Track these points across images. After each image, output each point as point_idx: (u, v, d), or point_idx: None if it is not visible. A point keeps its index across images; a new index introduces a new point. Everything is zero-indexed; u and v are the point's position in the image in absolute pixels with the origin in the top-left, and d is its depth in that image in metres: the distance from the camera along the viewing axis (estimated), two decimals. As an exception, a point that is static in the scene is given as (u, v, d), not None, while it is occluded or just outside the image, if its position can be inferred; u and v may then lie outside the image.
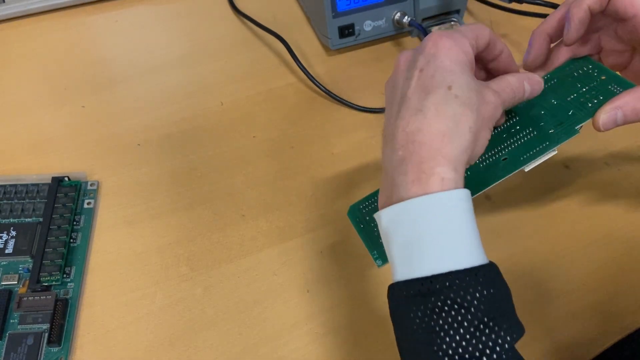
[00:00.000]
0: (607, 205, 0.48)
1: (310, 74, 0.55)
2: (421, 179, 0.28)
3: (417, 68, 0.30)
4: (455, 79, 0.29)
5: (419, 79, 0.30)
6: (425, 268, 0.27)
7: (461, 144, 0.28)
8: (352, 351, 0.41)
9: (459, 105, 0.29)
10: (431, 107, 0.29)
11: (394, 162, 0.29)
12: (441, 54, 0.30)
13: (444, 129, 0.28)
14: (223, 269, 0.44)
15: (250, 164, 0.50)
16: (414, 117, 0.29)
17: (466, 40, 0.31)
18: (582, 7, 0.34)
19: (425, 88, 0.29)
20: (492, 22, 0.63)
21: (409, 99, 0.30)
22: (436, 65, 0.30)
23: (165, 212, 0.47)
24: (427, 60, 0.30)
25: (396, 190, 0.29)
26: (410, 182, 0.28)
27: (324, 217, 0.47)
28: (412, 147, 0.28)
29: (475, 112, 0.29)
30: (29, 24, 0.61)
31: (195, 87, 0.56)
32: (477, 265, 0.27)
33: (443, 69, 0.30)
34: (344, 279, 0.44)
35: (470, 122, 0.29)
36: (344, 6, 0.55)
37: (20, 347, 0.39)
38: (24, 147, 0.51)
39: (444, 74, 0.29)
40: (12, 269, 0.43)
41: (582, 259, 0.45)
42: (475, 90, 0.30)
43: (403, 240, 0.28)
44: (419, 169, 0.28)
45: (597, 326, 0.42)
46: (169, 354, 0.40)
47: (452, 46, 0.30)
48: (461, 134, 0.28)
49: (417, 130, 0.28)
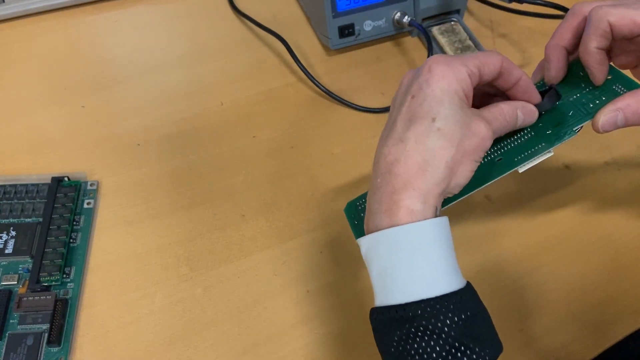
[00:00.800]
0: (607, 205, 0.48)
1: (310, 74, 0.55)
2: (392, 210, 0.29)
3: (410, 93, 0.31)
4: (441, 110, 0.29)
5: (409, 105, 0.30)
6: (399, 296, 0.28)
7: (434, 177, 0.29)
8: (352, 351, 0.41)
9: (438, 138, 0.29)
10: (412, 138, 0.29)
11: (372, 188, 0.31)
12: (433, 82, 0.30)
13: (420, 161, 0.29)
14: (223, 269, 0.44)
15: (250, 164, 0.50)
16: (395, 147, 0.30)
17: (464, 68, 0.30)
18: (588, 51, 0.33)
19: (412, 117, 0.30)
20: (492, 22, 0.63)
21: (396, 126, 0.30)
22: (425, 94, 0.30)
23: (165, 212, 0.47)
24: (419, 86, 0.31)
25: (372, 218, 0.30)
26: (383, 212, 0.29)
27: (324, 217, 0.47)
28: (389, 177, 0.29)
29: (455, 147, 0.29)
30: (29, 24, 0.61)
31: (195, 87, 0.56)
32: (448, 292, 0.28)
33: (432, 98, 0.30)
34: (344, 279, 0.44)
35: (447, 157, 0.29)
36: (344, 6, 0.55)
37: (20, 347, 0.39)
38: (24, 147, 0.51)
39: (432, 103, 0.30)
40: (12, 269, 0.43)
41: (581, 260, 0.45)
42: (462, 122, 0.30)
43: (379, 268, 0.29)
44: (390, 199, 0.29)
45: (596, 326, 0.42)
46: (169, 354, 0.40)
47: (445, 74, 0.30)
48: (436, 167, 0.29)
49: (395, 161, 0.29)
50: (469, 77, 0.30)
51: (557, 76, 0.36)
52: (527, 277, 0.44)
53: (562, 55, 0.36)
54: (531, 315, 0.42)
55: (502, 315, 0.42)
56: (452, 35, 0.59)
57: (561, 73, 0.36)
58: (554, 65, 0.36)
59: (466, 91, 0.31)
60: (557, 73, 0.36)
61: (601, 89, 0.34)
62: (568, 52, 0.36)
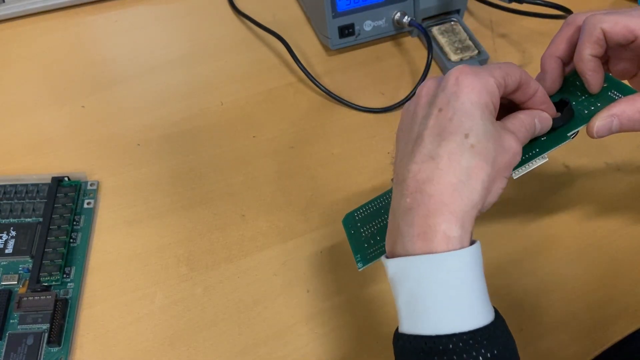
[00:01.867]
0: (607, 205, 0.48)
1: (310, 74, 0.55)
2: (426, 235, 0.27)
3: (437, 106, 0.29)
4: (474, 125, 0.28)
5: (437, 119, 0.29)
6: (429, 327, 0.27)
7: (471, 199, 0.27)
8: (352, 351, 0.41)
9: (473, 156, 0.27)
10: (444, 155, 0.27)
11: (401, 208, 0.28)
12: (462, 94, 0.28)
13: (454, 182, 0.27)
14: (223, 269, 0.44)
15: (250, 164, 0.50)
16: (425, 164, 0.28)
17: (492, 80, 0.29)
18: (582, 58, 0.33)
19: (442, 132, 0.28)
20: (492, 22, 0.63)
21: (423, 141, 0.28)
22: (455, 108, 0.28)
23: (165, 212, 0.47)
24: (447, 99, 0.29)
25: (401, 240, 0.28)
26: (416, 236, 0.27)
27: (324, 217, 0.47)
28: (421, 197, 0.27)
29: (490, 165, 0.28)
30: (29, 24, 0.61)
31: (195, 87, 0.56)
32: (480, 326, 0.26)
33: (462, 112, 0.28)
34: (344, 279, 0.44)
35: (483, 176, 0.27)
36: (344, 6, 0.55)
37: (20, 347, 0.39)
38: (24, 147, 0.51)
39: (462, 118, 0.28)
40: (12, 269, 0.43)
41: (581, 260, 0.45)
42: (494, 138, 0.28)
43: (408, 294, 0.28)
44: (425, 222, 0.27)
45: (596, 327, 0.42)
46: (169, 354, 0.40)
47: (475, 86, 0.28)
48: (472, 188, 0.27)
49: (427, 180, 0.27)
50: (497, 88, 0.29)
51: (553, 87, 0.36)
52: (527, 277, 0.44)
53: (557, 65, 0.35)
54: (531, 315, 0.42)
55: (502, 315, 0.42)
56: (452, 35, 0.59)
57: (556, 84, 0.35)
58: (549, 75, 0.35)
59: (495, 104, 0.29)
60: (553, 84, 0.35)
61: (596, 95, 0.34)
62: (563, 62, 0.35)
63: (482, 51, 0.58)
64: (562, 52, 0.35)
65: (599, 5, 0.65)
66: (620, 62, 0.36)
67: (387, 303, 0.43)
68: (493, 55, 0.59)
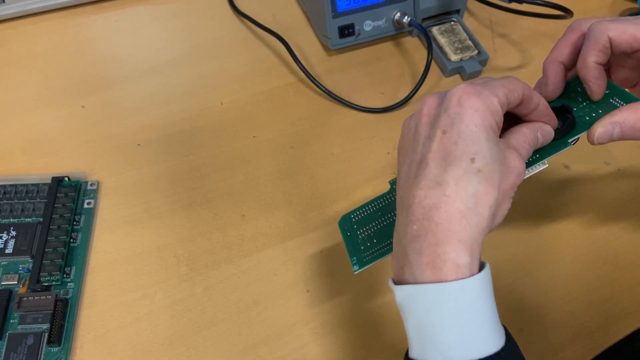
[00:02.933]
0: (607, 205, 0.48)
1: (310, 74, 0.55)
2: (435, 264, 0.26)
3: (440, 128, 0.28)
4: (480, 149, 0.27)
5: (441, 142, 0.28)
6: (439, 355, 0.26)
7: (479, 226, 0.27)
8: (352, 351, 0.41)
9: (480, 181, 0.27)
10: (451, 182, 0.27)
11: (408, 235, 0.28)
12: (466, 117, 0.28)
13: (462, 209, 0.27)
14: (223, 269, 0.44)
15: (250, 164, 0.50)
16: (432, 190, 0.27)
17: (495, 99, 0.28)
18: (586, 65, 0.33)
19: (447, 157, 0.27)
20: (492, 22, 0.63)
21: (428, 166, 0.28)
22: (460, 131, 0.28)
23: (165, 212, 0.47)
24: (451, 120, 0.28)
25: (409, 267, 0.28)
26: (424, 264, 0.27)
27: (324, 217, 0.47)
28: (428, 225, 0.27)
29: (496, 189, 0.27)
30: (29, 24, 0.61)
31: (195, 87, 0.56)
32: (492, 353, 0.26)
33: (467, 135, 0.27)
34: (343, 279, 0.44)
35: (490, 201, 0.27)
36: (344, 6, 0.55)
37: (20, 347, 0.39)
38: (24, 147, 0.51)
39: (468, 142, 0.27)
40: (12, 269, 0.43)
41: (582, 259, 0.45)
42: (499, 160, 0.28)
43: (417, 321, 0.27)
44: (433, 251, 0.27)
45: (596, 327, 0.42)
46: (169, 354, 0.40)
47: (479, 107, 0.28)
48: (480, 214, 0.27)
49: (434, 207, 0.27)
50: (500, 108, 0.29)
51: (555, 92, 0.35)
52: (527, 277, 0.44)
53: (559, 70, 0.35)
54: (531, 315, 0.42)
55: (502, 315, 0.41)
56: (452, 35, 0.59)
57: (559, 89, 0.35)
58: (552, 80, 0.35)
59: (499, 123, 0.29)
60: (555, 89, 0.35)
61: (598, 102, 0.34)
62: (566, 68, 0.35)
63: (482, 51, 0.58)
64: (565, 57, 0.35)
65: (599, 5, 0.65)
66: (623, 70, 0.36)
67: (387, 303, 0.43)
68: (493, 55, 0.59)
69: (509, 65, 0.59)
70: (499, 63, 0.59)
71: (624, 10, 0.64)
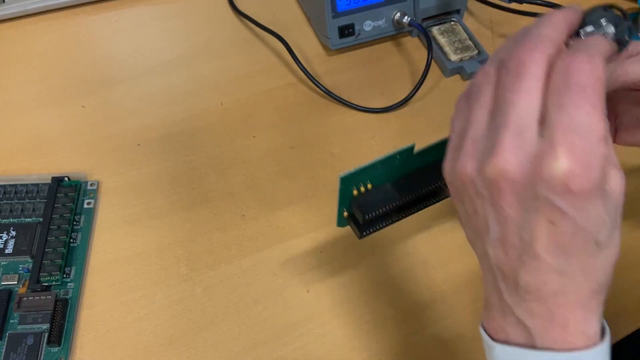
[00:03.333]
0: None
1: (310, 74, 0.55)
2: (565, 339, 0.23)
3: (545, 216, 0.22)
4: (603, 228, 0.22)
5: (550, 233, 0.22)
6: None
7: (606, 292, 0.24)
8: (352, 351, 0.41)
9: (607, 255, 0.23)
10: (578, 272, 0.23)
11: (521, 308, 0.24)
12: (585, 205, 0.21)
13: (595, 287, 0.23)
14: (223, 269, 0.44)
15: (250, 164, 0.50)
16: (551, 277, 0.23)
17: (601, 151, 0.21)
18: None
19: (565, 248, 0.22)
20: (492, 22, 0.63)
21: (539, 257, 0.22)
22: (576, 222, 0.22)
23: (165, 212, 0.47)
24: (560, 212, 0.21)
25: (525, 331, 0.24)
26: (551, 341, 0.23)
27: (324, 217, 0.47)
28: (553, 306, 0.23)
29: (618, 245, 0.24)
30: (29, 24, 0.61)
31: (195, 87, 0.56)
32: None
33: (587, 224, 0.22)
34: (344, 279, 0.44)
35: (615, 259, 0.24)
36: (344, 6, 0.55)
37: (20, 347, 0.39)
38: (24, 147, 0.51)
39: (588, 229, 0.22)
40: (12, 269, 0.43)
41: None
42: (617, 215, 0.24)
43: None
44: (563, 329, 0.23)
45: (597, 326, 0.42)
46: (169, 354, 0.40)
47: (592, 188, 0.21)
48: (609, 279, 0.24)
49: (560, 293, 0.23)
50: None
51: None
52: (527, 277, 0.44)
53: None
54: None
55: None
56: (452, 35, 0.59)
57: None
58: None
59: None
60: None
61: None
62: None
63: (482, 51, 0.58)
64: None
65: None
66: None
67: (387, 303, 0.43)
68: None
69: (509, 65, 0.59)
70: (499, 63, 0.59)
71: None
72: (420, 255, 0.45)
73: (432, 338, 0.42)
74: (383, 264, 0.45)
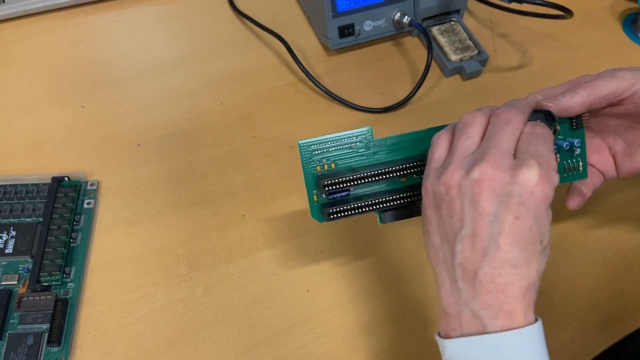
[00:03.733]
0: (607, 204, 0.48)
1: (310, 74, 0.55)
2: (511, 322, 0.28)
3: (512, 212, 0.28)
4: (547, 230, 0.29)
5: (513, 227, 0.28)
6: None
7: (537, 287, 0.29)
8: (351, 351, 0.41)
9: (545, 257, 0.30)
10: (524, 264, 0.28)
11: (478, 302, 0.29)
12: (539, 203, 0.29)
13: (533, 281, 0.29)
14: (223, 269, 0.44)
15: (250, 164, 0.50)
16: (505, 269, 0.28)
17: (557, 177, 0.30)
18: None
19: (520, 241, 0.28)
20: (492, 22, 0.63)
21: (500, 249, 0.28)
22: (533, 217, 0.29)
23: (165, 212, 0.47)
24: (525, 207, 0.28)
25: (480, 323, 0.29)
26: (499, 325, 0.28)
27: (324, 217, 0.47)
28: (502, 296, 0.28)
29: (548, 255, 0.30)
30: (29, 24, 0.61)
31: (195, 87, 0.56)
32: None
33: (539, 221, 0.29)
34: (344, 279, 0.44)
35: (545, 264, 0.30)
36: (344, 6, 0.55)
37: (20, 347, 0.39)
38: (24, 147, 0.51)
39: (540, 227, 0.29)
40: (12, 269, 0.43)
41: (582, 259, 0.45)
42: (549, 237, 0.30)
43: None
44: (509, 316, 0.28)
45: (597, 326, 0.42)
46: (169, 354, 0.40)
47: (549, 193, 0.29)
48: (539, 280, 0.30)
49: (509, 284, 0.28)
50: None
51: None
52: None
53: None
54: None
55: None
56: (452, 35, 0.59)
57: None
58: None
59: None
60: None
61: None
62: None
63: (482, 51, 0.58)
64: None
65: (599, 5, 0.65)
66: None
67: (387, 303, 0.43)
68: (493, 55, 0.59)
69: (509, 65, 0.59)
70: (499, 63, 0.59)
71: (624, 10, 0.64)
72: (420, 255, 0.45)
73: (432, 338, 0.42)
74: (383, 264, 0.45)
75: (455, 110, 0.54)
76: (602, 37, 0.62)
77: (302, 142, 0.36)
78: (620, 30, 0.62)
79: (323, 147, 0.36)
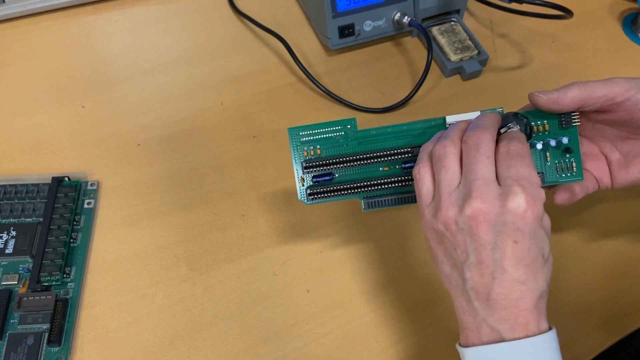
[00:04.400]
0: (607, 204, 0.48)
1: (310, 74, 0.55)
2: (526, 330, 0.30)
3: (510, 238, 0.30)
4: (545, 244, 0.31)
5: (514, 250, 0.30)
6: None
7: (546, 295, 0.31)
8: (351, 351, 0.41)
9: (549, 268, 0.32)
10: (531, 279, 0.30)
11: (495, 318, 0.30)
12: (533, 224, 0.30)
13: (541, 292, 0.31)
14: (223, 269, 0.44)
15: (250, 164, 0.50)
16: (515, 287, 0.30)
17: (543, 192, 0.31)
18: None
19: (523, 260, 0.30)
20: (492, 22, 0.63)
21: (506, 271, 0.30)
22: (530, 237, 0.30)
23: (165, 212, 0.47)
24: (521, 232, 0.30)
25: (498, 334, 0.31)
26: (518, 334, 0.30)
27: (324, 217, 0.47)
28: (517, 310, 0.30)
29: (552, 264, 0.32)
30: (29, 24, 0.61)
31: (195, 87, 0.56)
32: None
33: (537, 239, 0.30)
34: (344, 279, 0.44)
35: (551, 272, 0.32)
36: (344, 6, 0.55)
37: (21, 347, 0.39)
38: (24, 147, 0.51)
39: (538, 244, 0.30)
40: (12, 269, 0.43)
41: (582, 259, 0.45)
42: (549, 247, 0.32)
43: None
44: (525, 327, 0.30)
45: (597, 326, 0.42)
46: (169, 354, 0.40)
47: (540, 212, 0.30)
48: (548, 288, 0.31)
49: (520, 298, 0.30)
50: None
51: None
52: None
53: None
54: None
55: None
56: (452, 35, 0.59)
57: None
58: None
59: None
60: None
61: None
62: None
63: (482, 51, 0.58)
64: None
65: (599, 5, 0.65)
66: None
67: (387, 303, 0.43)
68: (493, 55, 0.59)
69: (509, 65, 0.59)
70: (498, 63, 0.59)
71: (624, 10, 0.64)
72: (420, 255, 0.45)
73: (432, 338, 0.42)
74: (383, 264, 0.45)
75: (455, 110, 0.53)
76: (602, 37, 0.62)
77: (292, 128, 0.39)
78: (620, 30, 0.62)
79: (311, 134, 0.39)
